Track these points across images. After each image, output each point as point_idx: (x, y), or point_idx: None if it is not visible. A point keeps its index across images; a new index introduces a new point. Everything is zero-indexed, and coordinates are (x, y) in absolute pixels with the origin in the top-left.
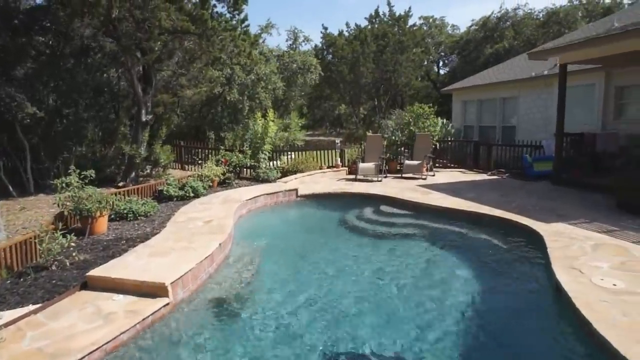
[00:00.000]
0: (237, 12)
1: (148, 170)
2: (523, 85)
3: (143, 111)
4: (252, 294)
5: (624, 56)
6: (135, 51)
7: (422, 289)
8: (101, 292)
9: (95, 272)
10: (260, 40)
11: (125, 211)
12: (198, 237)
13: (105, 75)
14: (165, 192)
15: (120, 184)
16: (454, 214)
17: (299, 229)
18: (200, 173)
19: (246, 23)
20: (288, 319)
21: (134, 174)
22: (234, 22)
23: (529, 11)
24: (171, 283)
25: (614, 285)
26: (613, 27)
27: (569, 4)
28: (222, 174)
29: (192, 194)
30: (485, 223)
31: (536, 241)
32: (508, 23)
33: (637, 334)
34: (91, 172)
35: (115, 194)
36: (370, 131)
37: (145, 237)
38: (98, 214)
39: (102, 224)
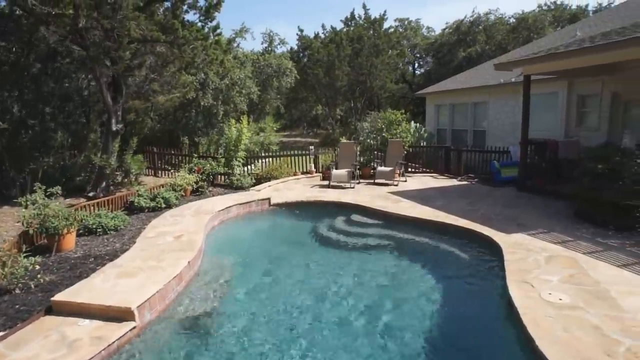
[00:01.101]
0: (209, 20)
1: (120, 179)
2: (492, 91)
3: (113, 120)
4: (220, 313)
5: (582, 69)
6: (104, 60)
7: (381, 306)
8: (67, 317)
9: (60, 296)
10: (235, 45)
11: (94, 226)
12: (167, 255)
13: (73, 81)
14: (136, 204)
15: (91, 194)
16: (422, 224)
17: (271, 241)
18: (173, 182)
19: (218, 31)
20: (256, 338)
21: (104, 183)
22: (206, 30)
23: (500, 16)
24: (138, 307)
25: (560, 299)
26: (575, 37)
27: (538, 10)
28: (195, 183)
29: (164, 205)
30: (450, 233)
31: (496, 253)
32: (480, 27)
33: (574, 350)
34: (57, 189)
35: (85, 207)
36: (344, 138)
37: (114, 255)
38: (65, 231)
39: (70, 241)
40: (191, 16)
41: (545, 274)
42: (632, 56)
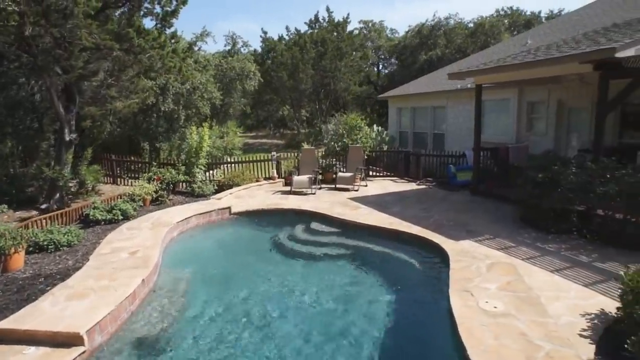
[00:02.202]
0: (166, 27)
1: (75, 190)
2: (450, 95)
3: (66, 130)
4: (174, 331)
5: (530, 78)
6: (55, 68)
7: (327, 316)
8: (13, 345)
9: (4, 323)
10: (196, 48)
11: (45, 242)
12: (121, 273)
13: (22, 86)
14: (92, 217)
15: (43, 206)
16: (377, 231)
17: (230, 253)
18: (131, 191)
19: (176, 39)
20: (212, 358)
21: (58, 195)
22: (163, 38)
23: (459, 21)
24: (87, 331)
25: (495, 307)
26: (526, 44)
27: (495, 14)
28: (154, 192)
29: (121, 217)
30: (404, 241)
31: (445, 261)
32: (441, 31)
33: (499, 359)
34: (3, 207)
35: (36, 222)
36: (306, 144)
37: (65, 274)
38: (12, 250)
39: (18, 260)
40: (149, 22)
41: (485, 282)
42: (567, 71)
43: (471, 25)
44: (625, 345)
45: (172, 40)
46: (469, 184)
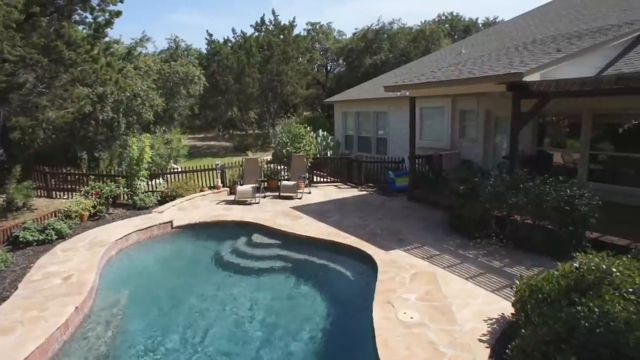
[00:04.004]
0: (99, 38)
1: (1, 208)
2: (391, 102)
3: None
4: (109, 358)
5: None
6: None
7: (261, 331)
8: None
9: None
10: (136, 54)
11: None
12: (52, 302)
13: None
14: (21, 238)
15: None
16: (316, 242)
17: (171, 270)
18: (67, 208)
19: (111, 50)
20: None
21: None
22: (96, 51)
23: (402, 26)
24: None
25: (411, 318)
26: (460, 54)
27: (437, 19)
28: (92, 207)
29: (55, 237)
30: (340, 251)
31: (375, 271)
32: (385, 36)
33: None
34: None
35: None
36: (250, 153)
37: None
38: None
39: None
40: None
41: (407, 292)
42: (487, 89)
43: (416, 29)
44: (507, 350)
45: (108, 52)
46: (407, 190)
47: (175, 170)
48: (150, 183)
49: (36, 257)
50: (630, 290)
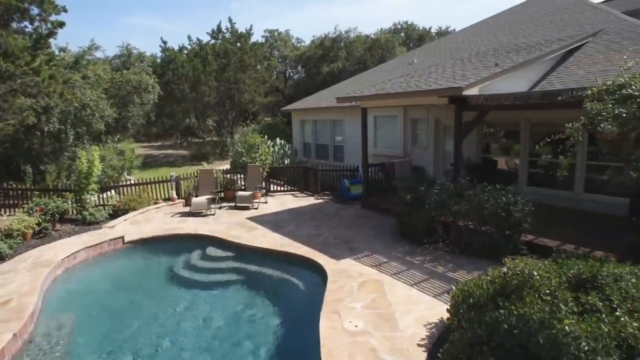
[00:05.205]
0: (41, 49)
1: None
2: (347, 111)
3: None
4: None
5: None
6: None
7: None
8: None
9: None
10: (84, 62)
11: None
12: None
13: None
14: None
15: None
16: (269, 254)
17: (121, 288)
18: (7, 226)
19: (55, 61)
20: None
21: None
22: (38, 62)
23: (359, 34)
24: None
25: (356, 326)
26: (412, 63)
27: (393, 27)
28: (37, 224)
29: None
30: (293, 262)
31: (325, 281)
32: (342, 44)
33: None
34: None
35: None
36: (206, 164)
37: None
38: None
39: None
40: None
41: (354, 301)
42: (431, 102)
43: (372, 37)
44: (438, 354)
45: (51, 63)
46: (361, 197)
47: (129, 182)
48: (101, 196)
49: None
50: (547, 291)
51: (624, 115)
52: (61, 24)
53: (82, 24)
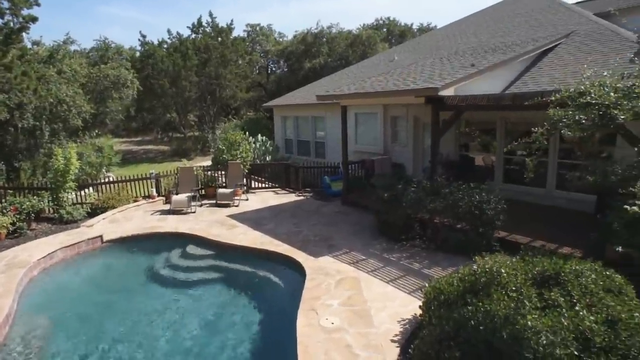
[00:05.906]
0: (12, 44)
1: None
2: (328, 108)
3: None
4: None
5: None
6: None
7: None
8: None
9: None
10: (59, 57)
11: None
12: None
13: None
14: None
15: None
16: (250, 252)
17: (99, 289)
18: None
19: (27, 57)
20: None
21: None
22: (9, 58)
23: (340, 30)
24: None
25: (332, 323)
26: (393, 60)
27: (374, 24)
28: (11, 224)
29: None
30: (273, 260)
31: (304, 278)
32: (324, 40)
33: None
34: None
35: None
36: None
37: None
38: None
39: None
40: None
41: (331, 298)
42: (409, 101)
43: (354, 33)
44: (410, 350)
45: (24, 59)
46: (342, 194)
47: (108, 179)
48: (79, 194)
49: None
50: (514, 288)
51: (584, 122)
52: (34, 19)
53: (58, 13)
